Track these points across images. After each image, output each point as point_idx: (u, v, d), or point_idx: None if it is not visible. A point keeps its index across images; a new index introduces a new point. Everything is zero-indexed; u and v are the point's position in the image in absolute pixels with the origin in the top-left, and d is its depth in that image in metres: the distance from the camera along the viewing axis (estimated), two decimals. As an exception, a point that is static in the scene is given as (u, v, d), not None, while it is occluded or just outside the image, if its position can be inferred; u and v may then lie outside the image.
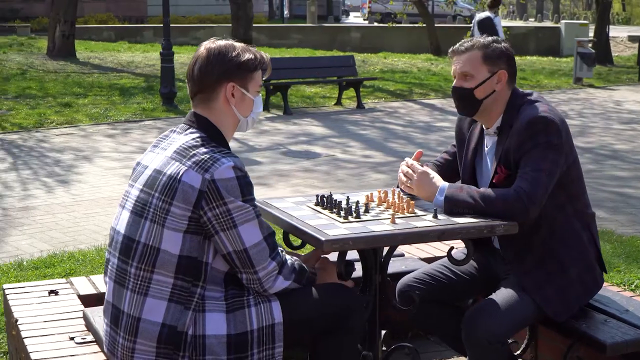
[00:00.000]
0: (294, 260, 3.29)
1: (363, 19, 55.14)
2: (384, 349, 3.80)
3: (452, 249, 3.59)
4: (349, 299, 3.35)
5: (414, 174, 3.75)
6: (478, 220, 3.47)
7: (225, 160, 3.08)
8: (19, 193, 8.95)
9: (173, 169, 3.10)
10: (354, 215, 3.50)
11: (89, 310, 3.87)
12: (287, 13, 49.60)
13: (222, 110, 3.26)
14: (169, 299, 3.09)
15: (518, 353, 4.11)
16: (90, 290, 4.42)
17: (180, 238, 3.07)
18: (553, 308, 3.65)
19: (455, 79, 3.79)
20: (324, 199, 3.70)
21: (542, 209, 3.56)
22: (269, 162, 11.04)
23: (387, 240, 3.37)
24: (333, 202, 3.65)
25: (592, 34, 28.30)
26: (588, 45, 22.30)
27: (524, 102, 3.72)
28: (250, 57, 3.27)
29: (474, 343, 3.53)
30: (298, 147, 12.36)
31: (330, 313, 3.28)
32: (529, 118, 3.59)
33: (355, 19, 61.49)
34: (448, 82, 19.97)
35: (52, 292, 4.34)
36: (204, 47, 3.28)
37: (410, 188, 3.77)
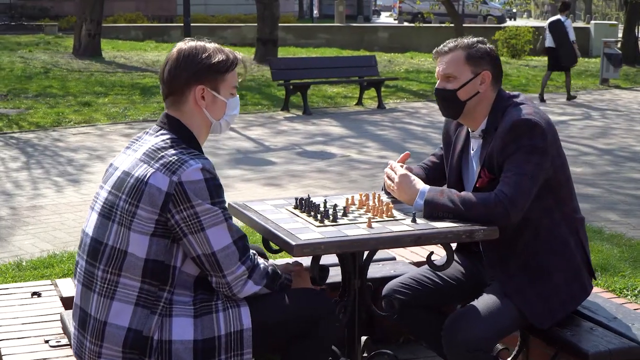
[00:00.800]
0: (268, 265, 3.23)
1: (393, 19, 55.01)
2: (365, 356, 3.73)
3: (432, 254, 3.51)
4: (320, 304, 3.27)
5: (395, 177, 3.68)
6: (457, 225, 3.39)
7: (194, 162, 3.03)
8: (29, 192, 8.95)
9: (141, 171, 3.07)
10: (331, 219, 3.43)
11: (66, 313, 3.82)
12: (316, 13, 49.65)
13: (193, 113, 3.21)
14: (136, 303, 3.05)
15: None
16: (73, 293, 4.35)
17: (147, 241, 3.03)
18: (536, 315, 3.55)
19: (439, 81, 3.71)
20: (302, 202, 3.63)
21: (527, 213, 3.48)
22: (283, 162, 10.98)
23: (359, 245, 3.29)
24: (311, 205, 3.58)
25: (621, 35, 28.02)
26: (615, 46, 22.07)
27: (510, 104, 3.63)
28: (222, 58, 3.21)
29: (454, 351, 3.46)
30: (314, 147, 12.28)
31: (301, 318, 3.21)
32: (513, 121, 3.50)
33: (387, 19, 61.36)
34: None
35: (34, 294, 4.31)
36: (176, 48, 3.25)
37: (394, 191, 3.70)
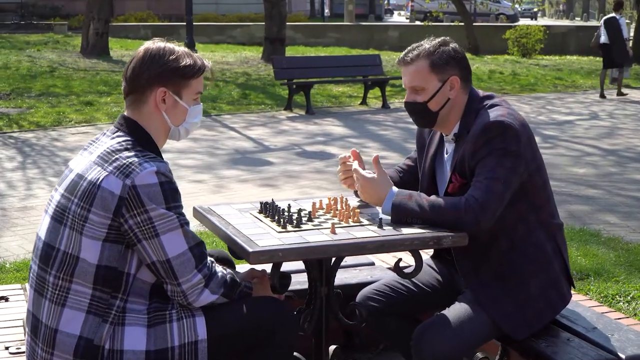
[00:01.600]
0: (226, 273, 3.12)
1: (405, 18, 54.87)
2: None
3: (400, 261, 3.40)
4: (279, 313, 3.16)
5: (359, 179, 3.56)
6: (424, 231, 3.27)
7: (148, 165, 2.93)
8: (21, 193, 8.86)
9: (94, 175, 2.97)
10: (294, 224, 3.31)
11: (28, 319, 3.73)
12: (327, 12, 49.53)
13: (152, 115, 3.11)
14: (87, 311, 2.95)
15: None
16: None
17: (99, 247, 2.93)
18: (510, 325, 3.43)
19: (407, 93, 3.59)
20: (267, 207, 3.51)
21: (501, 219, 3.35)
22: (281, 162, 10.86)
23: (320, 252, 3.16)
24: (275, 209, 3.47)
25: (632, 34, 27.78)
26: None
27: (483, 106, 3.50)
28: (189, 63, 3.12)
29: (422, 362, 3.33)
30: (314, 147, 12.15)
31: (258, 328, 3.10)
32: (485, 123, 3.38)
33: (399, 18, 61.23)
34: (481, 81, 19.67)
35: (2, 298, 4.22)
36: (144, 46, 3.16)
37: (362, 193, 3.58)
